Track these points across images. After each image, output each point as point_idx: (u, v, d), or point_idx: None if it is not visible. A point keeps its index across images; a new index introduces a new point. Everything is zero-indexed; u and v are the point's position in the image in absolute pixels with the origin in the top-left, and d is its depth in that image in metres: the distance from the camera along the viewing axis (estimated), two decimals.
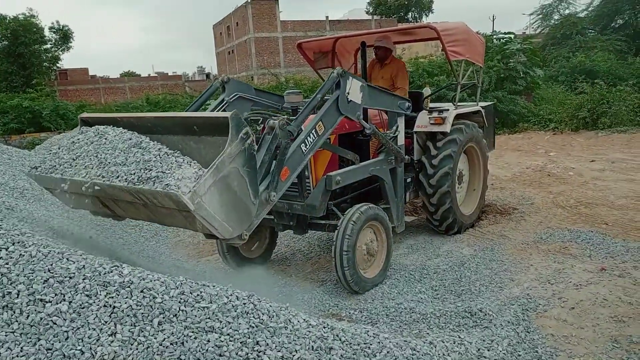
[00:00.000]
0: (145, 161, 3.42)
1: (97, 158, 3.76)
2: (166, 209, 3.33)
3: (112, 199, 3.68)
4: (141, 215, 3.74)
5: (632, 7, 27.69)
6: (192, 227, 3.43)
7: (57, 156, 4.09)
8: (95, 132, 4.02)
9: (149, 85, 50.76)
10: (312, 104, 4.13)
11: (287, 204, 4.78)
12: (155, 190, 3.16)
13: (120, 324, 2.37)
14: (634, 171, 8.71)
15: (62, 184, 3.78)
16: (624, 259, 4.81)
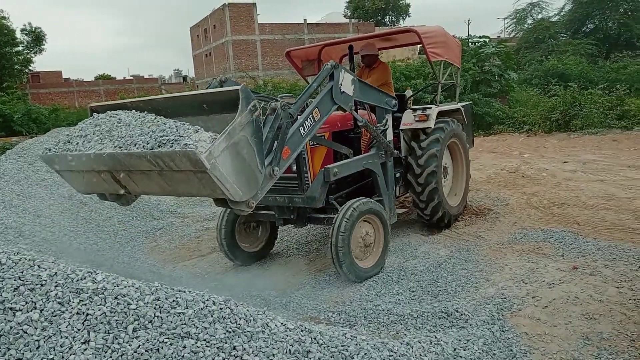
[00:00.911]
0: (161, 130, 3.57)
1: (110, 134, 3.92)
2: (182, 173, 3.50)
3: (127, 171, 3.79)
4: (154, 186, 3.86)
5: (601, 12, 28.45)
6: (205, 191, 3.61)
7: (70, 137, 4.21)
8: (106, 115, 4.18)
9: (124, 88, 50.08)
10: (309, 91, 4.36)
11: (288, 198, 5.03)
12: (174, 151, 3.32)
13: (93, 331, 2.34)
14: (605, 172, 8.95)
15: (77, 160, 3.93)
16: (595, 258, 4.93)
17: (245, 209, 3.72)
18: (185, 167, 3.39)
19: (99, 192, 4.34)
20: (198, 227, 7.41)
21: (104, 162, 3.76)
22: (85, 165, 3.94)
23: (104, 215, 7.57)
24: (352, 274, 4.79)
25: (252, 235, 5.92)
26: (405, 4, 61.17)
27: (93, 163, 3.85)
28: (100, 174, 3.97)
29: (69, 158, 4.00)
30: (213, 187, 3.48)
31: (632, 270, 4.56)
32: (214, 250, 6.43)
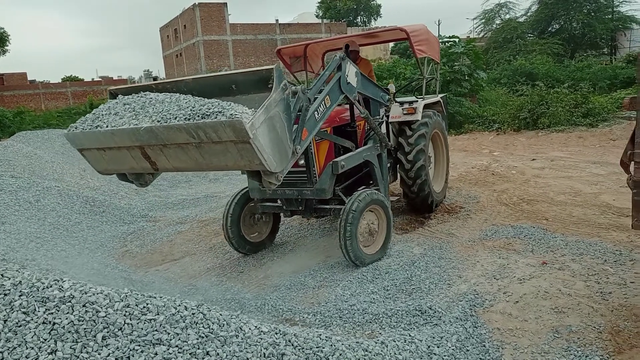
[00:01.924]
0: (200, 105, 3.73)
1: (145, 110, 4.03)
2: (221, 145, 3.67)
3: (161, 145, 3.91)
4: (187, 161, 3.99)
5: (566, 12, 29.20)
6: (242, 162, 3.80)
7: (97, 116, 4.26)
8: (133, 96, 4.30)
9: (92, 90, 48.90)
10: (323, 79, 4.75)
11: (297, 191, 5.41)
12: (219, 122, 3.50)
13: (60, 341, 2.27)
14: (572, 169, 9.18)
15: (108, 137, 4.00)
16: (563, 253, 5.05)
17: (275, 181, 3.96)
18: (227, 138, 3.58)
19: (123, 170, 4.46)
20: (170, 230, 7.30)
21: (139, 137, 3.86)
22: (116, 142, 4.04)
23: (73, 220, 7.38)
24: (358, 260, 5.15)
25: (256, 226, 6.20)
26: (377, 4, 61.65)
27: (126, 138, 3.96)
28: (130, 151, 4.08)
29: (98, 135, 4.07)
30: (251, 158, 3.70)
31: (598, 264, 4.69)
32: (187, 254, 6.35)
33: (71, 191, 8.26)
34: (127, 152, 4.12)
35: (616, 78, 18.82)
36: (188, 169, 4.21)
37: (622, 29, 29.62)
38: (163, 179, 10.89)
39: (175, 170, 4.27)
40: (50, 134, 11.55)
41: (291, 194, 5.44)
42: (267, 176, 3.94)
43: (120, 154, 4.16)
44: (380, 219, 5.51)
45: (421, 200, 6.62)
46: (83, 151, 4.43)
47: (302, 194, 5.39)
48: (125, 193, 9.40)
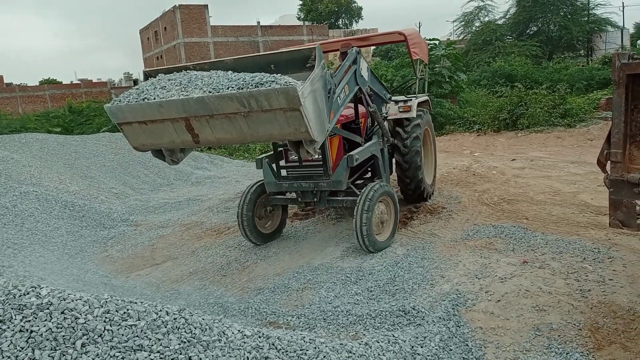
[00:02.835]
0: (251, 77, 4.00)
1: (193, 84, 4.23)
2: (269, 113, 3.94)
3: (208, 116, 4.14)
4: (232, 131, 4.21)
5: (543, 15, 29.70)
6: (288, 130, 4.07)
7: (141, 91, 4.42)
8: (176, 74, 4.52)
9: (71, 92, 48.10)
10: (343, 69, 5.15)
11: (313, 183, 5.77)
12: (273, 88, 3.79)
13: (38, 349, 2.22)
14: (550, 168, 9.33)
15: (154, 109, 4.19)
16: (543, 251, 5.12)
17: (312, 152, 4.31)
18: (278, 106, 3.86)
19: (161, 144, 4.64)
20: (152, 234, 7.21)
21: (188, 107, 4.09)
22: (162, 114, 4.23)
23: (51, 225, 7.25)
24: (372, 246, 5.51)
25: (267, 218, 6.57)
26: (358, 7, 61.87)
27: (174, 110, 4.17)
28: (174, 123, 4.27)
29: (145, 107, 4.25)
30: (298, 126, 3.98)
31: (577, 262, 4.77)
32: (169, 258, 6.28)
33: (50, 196, 8.10)
34: (170, 125, 4.30)
35: (592, 79, 19.20)
36: (230, 141, 4.48)
37: (597, 31, 30.28)
38: (144, 182, 10.77)
39: (217, 142, 4.52)
40: (27, 138, 11.32)
41: (307, 186, 5.79)
42: (308, 145, 4.24)
43: (163, 127, 4.34)
44: (389, 209, 5.90)
45: (415, 188, 7.03)
46: (122, 125, 4.57)
47: (319, 186, 5.75)
48: (106, 197, 9.26)
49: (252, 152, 14.67)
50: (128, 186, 10.36)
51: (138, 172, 11.16)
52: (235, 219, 7.64)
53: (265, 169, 6.05)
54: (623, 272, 4.47)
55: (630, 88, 3.24)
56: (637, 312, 3.77)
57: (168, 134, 4.40)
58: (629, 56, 3.29)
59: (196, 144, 4.49)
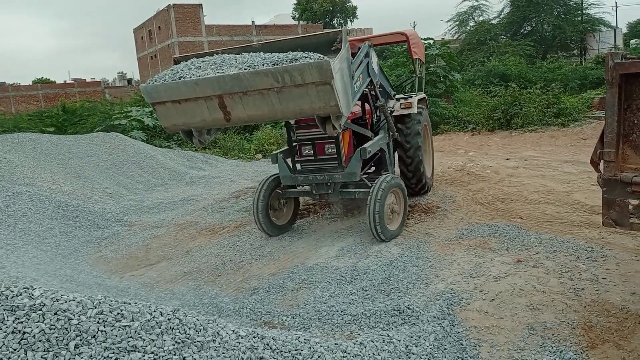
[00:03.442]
0: (284, 55, 4.25)
1: (228, 63, 4.50)
2: (302, 88, 4.22)
3: (241, 93, 4.40)
4: (263, 108, 4.47)
5: (537, 15, 29.81)
6: (318, 104, 4.33)
7: (176, 72, 4.67)
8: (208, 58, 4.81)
9: (65, 92, 47.85)
10: (358, 60, 5.40)
11: (328, 176, 6.09)
12: (307, 62, 4.08)
13: (31, 350, 2.21)
14: (544, 167, 9.37)
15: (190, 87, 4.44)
16: (537, 250, 5.14)
17: (338, 128, 4.59)
18: (310, 80, 4.14)
19: (192, 123, 4.86)
20: (146, 235, 7.18)
21: (223, 84, 4.36)
22: (197, 92, 4.50)
23: (45, 226, 7.20)
24: (384, 234, 5.79)
25: (281, 211, 6.83)
26: (352, 6, 61.84)
27: (209, 87, 4.43)
28: (207, 101, 4.54)
29: (181, 85, 4.50)
30: (328, 99, 4.26)
31: (571, 261, 4.79)
32: (163, 258, 6.26)
33: (43, 196, 8.05)
34: (203, 103, 4.56)
35: (586, 79, 19.28)
36: (261, 117, 4.71)
37: (591, 31, 30.40)
38: (138, 182, 10.72)
39: (248, 119, 4.75)
40: (20, 138, 11.23)
41: (322, 178, 6.10)
42: (335, 120, 4.51)
43: (196, 105, 4.61)
44: (399, 199, 6.22)
45: (417, 182, 7.35)
46: (156, 105, 4.81)
47: (333, 178, 6.06)
48: (99, 197, 9.22)
49: (247, 151, 14.65)
50: (122, 186, 10.31)
51: (132, 172, 11.11)
52: (229, 218, 7.65)
53: (281, 164, 6.34)
54: (616, 271, 4.50)
55: (623, 88, 3.25)
56: (630, 310, 3.79)
57: (200, 112, 4.65)
58: (622, 56, 3.30)
59: (227, 122, 4.72)
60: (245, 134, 16.73)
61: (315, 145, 6.13)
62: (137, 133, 15.36)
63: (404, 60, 17.12)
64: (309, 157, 6.23)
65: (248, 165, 13.28)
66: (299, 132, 6.21)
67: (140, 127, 16.06)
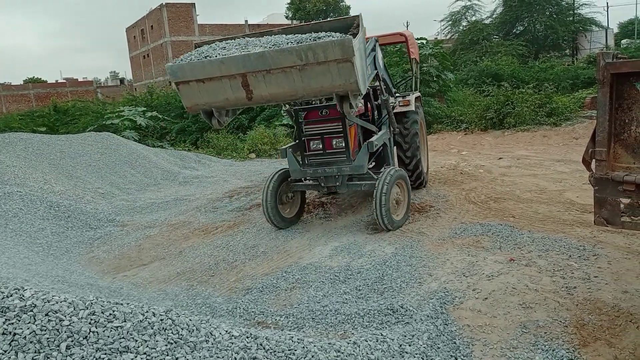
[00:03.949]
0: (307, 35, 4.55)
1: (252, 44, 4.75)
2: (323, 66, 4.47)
3: (265, 72, 4.62)
4: (285, 86, 4.72)
5: (529, 15, 29.97)
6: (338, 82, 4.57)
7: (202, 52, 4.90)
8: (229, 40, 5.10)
9: (56, 92, 47.55)
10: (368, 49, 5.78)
11: (337, 168, 6.35)
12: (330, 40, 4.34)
13: (22, 351, 2.19)
14: (537, 167, 9.41)
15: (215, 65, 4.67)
16: (530, 249, 5.16)
17: (355, 107, 4.85)
18: (333, 57, 4.39)
19: (214, 103, 5.07)
20: (138, 235, 7.15)
21: (248, 63, 4.58)
22: (222, 70, 4.72)
23: (36, 226, 7.15)
24: (390, 224, 6.09)
25: (289, 204, 7.06)
26: (346, 5, 61.86)
27: (233, 66, 4.65)
28: (231, 80, 4.76)
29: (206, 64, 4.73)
30: (348, 77, 4.50)
31: (563, 259, 4.82)
32: (156, 258, 6.23)
33: (34, 196, 7.99)
34: (227, 82, 4.78)
35: (578, 78, 19.38)
36: (282, 95, 4.88)
37: (582, 31, 30.60)
38: (130, 182, 10.67)
39: (269, 97, 4.92)
40: (11, 138, 11.13)
41: (331, 171, 6.36)
42: (353, 99, 4.76)
43: (220, 84, 4.82)
44: (403, 191, 6.50)
45: (415, 178, 7.63)
46: (180, 84, 5.00)
47: (342, 170, 6.33)
48: (92, 197, 9.16)
49: (240, 151, 14.62)
50: (114, 186, 10.26)
51: (124, 172, 11.06)
52: (223, 218, 7.64)
53: (290, 158, 6.58)
54: (608, 269, 4.53)
55: (614, 87, 3.27)
56: (622, 308, 3.81)
57: (223, 91, 4.86)
58: (613, 55, 3.32)
59: (249, 100, 4.92)
60: (238, 133, 16.70)
61: (324, 139, 6.41)
62: (129, 133, 15.30)
63: (397, 60, 17.15)
64: (318, 151, 6.48)
65: (241, 165, 13.24)
66: (308, 127, 6.45)
67: (133, 126, 16.00)
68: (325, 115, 6.37)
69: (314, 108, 6.55)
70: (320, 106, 6.60)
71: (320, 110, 6.44)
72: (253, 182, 10.33)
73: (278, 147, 14.21)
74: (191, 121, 17.78)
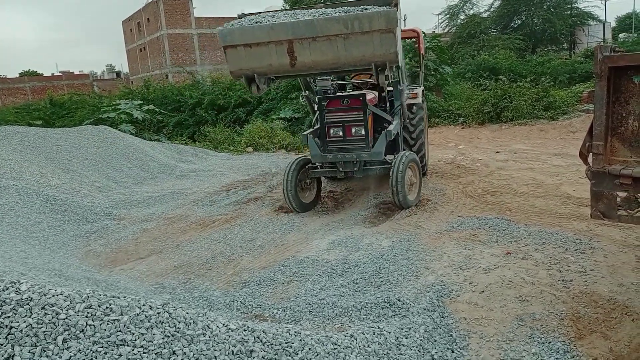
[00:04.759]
0: (354, 7, 4.86)
1: (301, 12, 5.13)
2: (367, 35, 4.83)
3: (310, 39, 4.98)
4: (328, 54, 5.06)
5: (527, 8, 29.93)
6: (379, 51, 4.94)
7: (251, 19, 5.24)
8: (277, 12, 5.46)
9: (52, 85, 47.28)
10: None
11: (356, 154, 6.74)
12: (376, 11, 4.69)
13: (18, 345, 2.19)
14: (534, 160, 9.43)
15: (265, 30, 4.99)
16: (527, 243, 5.18)
17: (390, 78, 5.26)
18: (377, 27, 4.72)
19: (259, 68, 5.36)
20: (135, 228, 7.13)
21: (297, 29, 4.90)
22: (270, 36, 5.05)
23: (32, 220, 7.13)
24: (405, 203, 6.59)
25: (307, 190, 7.43)
26: None
27: (282, 31, 4.99)
28: (277, 46, 5.08)
29: (256, 29, 5.02)
30: (389, 47, 4.88)
31: (560, 252, 4.83)
32: (153, 252, 6.22)
33: (30, 190, 7.96)
34: (273, 48, 5.09)
35: (575, 72, 19.40)
36: (324, 63, 5.18)
37: (580, 25, 30.61)
38: (127, 175, 10.65)
39: (311, 65, 5.21)
40: (7, 131, 11.07)
41: (350, 157, 6.75)
42: (389, 70, 5.11)
43: (266, 49, 5.13)
44: (415, 173, 6.96)
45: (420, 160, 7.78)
46: (228, 48, 5.29)
47: (361, 157, 6.73)
48: (88, 191, 9.13)
49: (238, 145, 14.60)
50: (111, 180, 10.23)
51: (121, 166, 11.02)
52: (220, 212, 7.63)
53: (311, 143, 6.91)
54: (604, 263, 4.54)
55: (611, 81, 3.27)
56: (617, 301, 3.83)
57: (269, 57, 5.17)
58: (610, 49, 3.32)
59: (291, 67, 5.21)
60: (235, 127, 16.66)
61: (345, 127, 6.81)
62: (126, 126, 15.24)
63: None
64: (338, 137, 6.88)
65: (239, 158, 13.21)
66: (330, 115, 6.86)
67: (129, 120, 15.93)
68: (346, 104, 6.80)
69: (336, 97, 7.00)
70: (342, 95, 7.08)
71: (342, 99, 6.87)
72: (250, 175, 10.32)
73: (275, 140, 14.19)
74: (188, 115, 17.72)
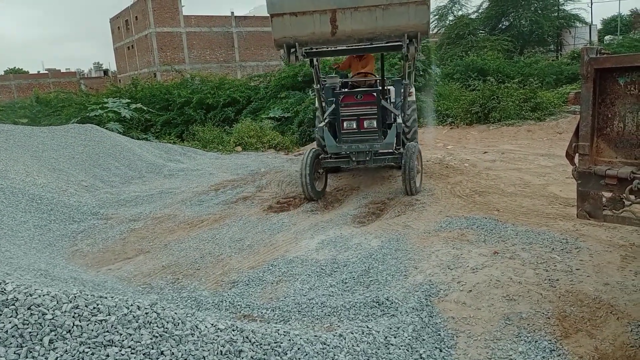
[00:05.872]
0: None
1: None
2: (403, 7, 5.49)
3: (353, 9, 5.56)
4: (367, 23, 5.65)
5: (515, 10, 30.16)
6: (413, 22, 5.62)
7: None
8: None
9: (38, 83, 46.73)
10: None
11: (369, 145, 7.30)
12: None
13: (3, 346, 2.16)
14: (521, 161, 9.51)
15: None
16: (514, 242, 5.22)
17: (419, 50, 5.95)
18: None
19: (301, 36, 5.92)
20: (123, 228, 7.08)
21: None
22: (315, 5, 5.62)
23: (18, 219, 7.04)
24: (414, 188, 7.19)
25: (319, 179, 7.96)
26: None
27: (326, 1, 5.58)
28: (321, 15, 5.65)
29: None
30: (423, 17, 5.57)
31: (546, 252, 4.88)
32: (141, 252, 6.18)
33: (16, 189, 7.86)
34: (317, 16, 5.65)
35: (562, 74, 19.57)
36: (363, 33, 5.77)
37: (567, 27, 30.91)
38: (115, 174, 10.56)
39: (351, 33, 5.78)
40: None
41: (364, 147, 7.31)
42: (418, 43, 5.82)
43: (310, 18, 5.69)
44: (420, 161, 7.66)
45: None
46: (274, 16, 5.86)
47: (374, 147, 7.32)
48: (75, 190, 9.04)
49: (226, 144, 14.54)
50: (98, 179, 10.13)
51: (109, 165, 10.93)
52: (209, 211, 7.60)
53: (327, 134, 7.40)
54: (590, 262, 4.60)
55: (597, 82, 3.31)
56: (603, 300, 3.89)
57: (312, 25, 5.70)
58: (597, 51, 3.36)
59: (332, 36, 5.73)
60: (224, 126, 16.59)
61: (359, 120, 7.32)
62: (113, 125, 15.10)
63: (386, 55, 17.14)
64: (352, 130, 7.39)
65: (227, 158, 13.16)
66: (344, 109, 7.38)
67: (117, 118, 15.80)
68: (360, 99, 7.32)
69: (350, 93, 7.52)
70: (356, 91, 7.60)
71: (356, 94, 7.40)
72: (239, 175, 10.28)
73: (264, 140, 14.16)
74: (176, 113, 17.61)
